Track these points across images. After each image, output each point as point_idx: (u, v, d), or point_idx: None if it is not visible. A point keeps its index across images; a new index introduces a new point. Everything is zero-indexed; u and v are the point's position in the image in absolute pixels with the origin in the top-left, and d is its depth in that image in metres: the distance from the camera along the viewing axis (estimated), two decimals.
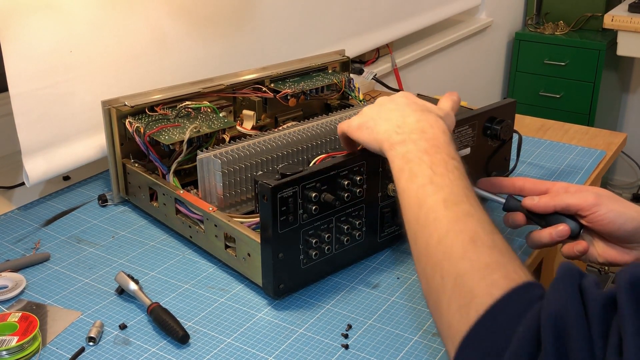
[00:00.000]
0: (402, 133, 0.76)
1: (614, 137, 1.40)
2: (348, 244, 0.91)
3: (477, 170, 1.07)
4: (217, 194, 0.96)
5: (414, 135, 0.75)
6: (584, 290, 0.54)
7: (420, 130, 0.75)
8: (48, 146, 1.11)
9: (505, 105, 1.08)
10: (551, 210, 0.85)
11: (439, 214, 0.66)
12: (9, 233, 1.05)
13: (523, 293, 0.57)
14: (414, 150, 0.73)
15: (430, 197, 0.68)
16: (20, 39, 1.02)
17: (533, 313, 0.54)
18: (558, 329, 0.52)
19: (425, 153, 0.72)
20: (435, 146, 0.73)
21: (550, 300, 0.54)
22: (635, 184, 3.36)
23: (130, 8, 1.17)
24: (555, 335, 0.52)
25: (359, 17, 1.74)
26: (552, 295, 0.54)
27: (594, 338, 0.51)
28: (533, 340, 0.53)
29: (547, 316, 0.53)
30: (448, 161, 0.71)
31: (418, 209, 0.68)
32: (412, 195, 0.70)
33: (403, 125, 0.77)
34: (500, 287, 0.58)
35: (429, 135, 0.75)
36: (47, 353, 0.80)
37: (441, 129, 0.76)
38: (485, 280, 0.59)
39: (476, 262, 0.61)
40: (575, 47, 2.87)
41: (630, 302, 0.50)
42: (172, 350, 0.80)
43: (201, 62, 1.31)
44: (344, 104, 1.28)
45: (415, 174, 0.71)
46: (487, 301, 0.57)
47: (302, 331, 0.83)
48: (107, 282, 0.93)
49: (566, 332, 0.51)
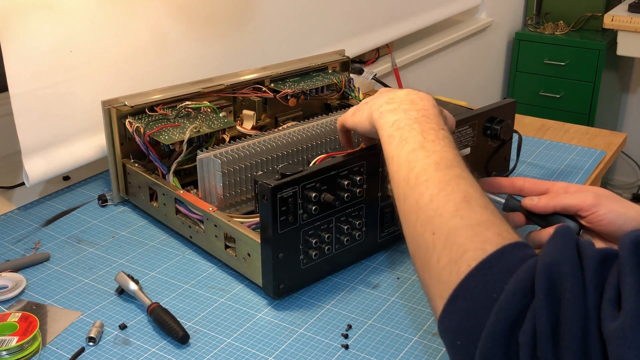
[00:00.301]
0: (392, 103, 0.77)
1: (614, 137, 1.40)
2: (348, 244, 0.91)
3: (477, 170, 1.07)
4: (217, 194, 0.96)
5: (405, 105, 0.76)
6: (581, 247, 0.54)
7: (410, 102, 0.77)
8: (48, 146, 1.11)
9: (505, 105, 1.08)
10: (550, 211, 0.85)
11: (430, 175, 0.66)
12: (9, 233, 1.05)
13: (516, 250, 0.57)
14: (404, 119, 0.74)
15: (421, 160, 0.68)
16: (20, 39, 1.02)
17: (527, 266, 0.54)
18: (552, 278, 0.51)
19: (416, 121, 0.73)
20: (426, 116, 0.74)
21: (545, 252, 0.54)
22: (635, 184, 3.36)
23: (130, 8, 1.17)
24: (549, 284, 0.51)
25: (359, 17, 1.74)
26: (548, 249, 0.54)
27: (588, 289, 0.50)
28: (526, 289, 0.52)
29: (543, 266, 0.52)
30: (438, 130, 0.72)
31: (408, 171, 0.68)
32: (402, 159, 0.70)
33: (394, 98, 0.78)
34: (493, 243, 0.57)
35: (419, 106, 0.76)
36: (47, 353, 0.80)
37: (431, 103, 0.77)
38: (478, 236, 0.58)
39: (469, 219, 0.60)
40: (575, 47, 2.87)
41: (633, 256, 0.50)
42: (172, 350, 0.80)
43: (201, 62, 1.31)
44: (344, 104, 1.28)
45: (405, 139, 0.71)
46: (480, 255, 0.56)
47: (302, 331, 0.83)
48: (107, 282, 0.93)
49: (560, 281, 0.51)
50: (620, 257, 0.51)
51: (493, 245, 0.57)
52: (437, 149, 0.69)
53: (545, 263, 0.52)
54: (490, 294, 0.54)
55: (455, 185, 0.64)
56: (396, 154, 0.71)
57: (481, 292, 0.54)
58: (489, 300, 0.54)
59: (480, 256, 0.56)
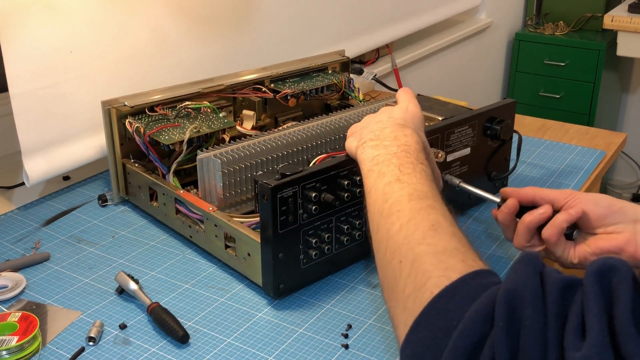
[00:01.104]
0: (376, 139, 0.79)
1: (614, 137, 1.40)
2: (348, 244, 0.91)
3: (477, 170, 1.07)
4: (217, 194, 0.97)
5: (387, 142, 0.78)
6: (545, 274, 0.53)
7: (394, 138, 0.78)
8: (48, 146, 1.11)
9: (505, 105, 1.08)
10: (530, 199, 0.87)
11: (403, 206, 0.67)
12: (9, 233, 1.05)
13: (480, 278, 0.57)
14: (384, 154, 0.76)
15: (396, 192, 0.69)
16: (20, 39, 1.02)
17: (489, 293, 0.54)
18: (513, 305, 0.51)
19: (395, 156, 0.75)
20: (406, 151, 0.75)
21: (508, 279, 0.54)
22: (635, 184, 3.36)
23: (130, 8, 1.17)
24: (509, 312, 0.51)
25: (359, 17, 1.74)
26: (510, 276, 0.54)
27: (549, 317, 0.50)
28: (487, 316, 0.52)
29: (504, 292, 0.52)
30: (416, 164, 0.73)
31: (383, 202, 0.69)
32: (378, 191, 0.71)
33: (380, 135, 0.80)
34: (457, 270, 0.57)
35: (401, 142, 0.77)
36: (47, 353, 0.80)
37: (414, 139, 0.78)
38: (442, 263, 0.59)
39: (434, 246, 0.61)
40: (575, 48, 2.87)
41: (596, 285, 0.50)
42: (172, 350, 0.80)
43: (201, 62, 1.31)
44: (344, 104, 1.28)
45: (383, 173, 0.73)
46: (443, 282, 0.56)
47: (302, 331, 0.83)
48: (107, 282, 0.93)
49: (520, 309, 0.51)
50: (585, 286, 0.51)
51: (457, 273, 0.57)
52: (412, 182, 0.70)
53: (506, 290, 0.52)
54: (451, 322, 0.54)
55: (425, 214, 0.65)
56: (374, 187, 0.73)
57: (442, 320, 0.54)
58: (450, 327, 0.53)
59: (444, 283, 0.56)
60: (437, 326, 0.54)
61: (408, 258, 0.61)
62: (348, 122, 1.08)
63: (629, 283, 0.49)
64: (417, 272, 0.59)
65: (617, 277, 0.50)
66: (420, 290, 0.57)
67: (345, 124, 1.08)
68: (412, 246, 0.62)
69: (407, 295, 0.59)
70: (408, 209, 0.66)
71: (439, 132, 0.99)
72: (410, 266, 0.60)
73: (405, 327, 0.57)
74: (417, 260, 0.60)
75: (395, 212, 0.67)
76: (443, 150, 1.00)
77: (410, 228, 0.64)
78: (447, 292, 0.56)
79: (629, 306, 0.48)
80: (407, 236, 0.63)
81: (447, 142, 1.01)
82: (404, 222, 0.65)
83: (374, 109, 1.11)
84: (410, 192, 0.69)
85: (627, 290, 0.49)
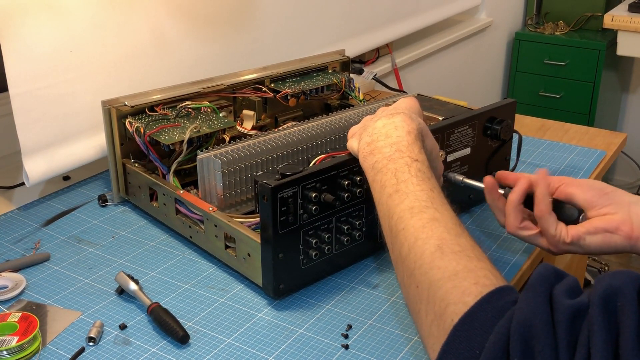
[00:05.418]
0: (372, 144, 0.79)
1: (614, 137, 1.40)
2: (348, 244, 0.91)
3: (477, 170, 1.07)
4: (217, 194, 0.96)
5: (380, 142, 0.78)
6: (554, 300, 0.55)
7: (385, 135, 0.78)
8: (48, 146, 1.11)
9: (505, 105, 1.08)
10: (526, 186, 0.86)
11: (407, 223, 0.68)
12: (9, 233, 1.05)
13: (495, 300, 0.58)
14: (380, 160, 0.76)
15: (397, 206, 0.70)
16: (20, 39, 1.02)
17: (505, 320, 0.56)
18: (525, 339, 0.53)
19: (390, 160, 0.75)
20: (399, 150, 0.75)
21: (520, 308, 0.56)
22: (635, 184, 3.36)
23: (130, 8, 1.17)
24: (522, 345, 0.53)
25: (359, 17, 1.74)
26: (522, 303, 0.56)
27: (560, 349, 0.52)
28: (503, 349, 0.54)
29: (516, 325, 0.54)
30: (411, 164, 0.73)
31: (389, 219, 0.71)
32: (383, 206, 0.73)
33: (373, 134, 0.80)
34: (472, 294, 0.59)
35: (393, 139, 0.77)
36: (47, 353, 0.80)
37: (406, 130, 0.78)
38: (457, 288, 0.60)
39: (444, 270, 0.62)
40: (575, 47, 2.87)
41: (601, 314, 0.52)
42: (172, 350, 0.80)
43: (201, 62, 1.31)
44: (344, 104, 1.28)
45: (383, 184, 0.74)
46: (461, 309, 0.58)
47: (302, 331, 0.83)
48: (107, 282, 0.93)
49: (533, 342, 0.53)
50: (590, 315, 0.53)
51: (472, 297, 0.59)
52: (410, 190, 0.71)
53: (518, 322, 0.54)
54: (473, 351, 0.56)
55: (429, 231, 0.66)
56: (379, 201, 0.74)
57: (466, 349, 0.57)
58: (473, 357, 0.56)
59: (462, 310, 0.58)
60: (462, 355, 0.57)
61: (424, 285, 0.63)
62: (348, 122, 1.08)
63: (633, 307, 0.51)
64: (435, 299, 0.61)
65: (621, 301, 0.52)
66: (442, 318, 0.60)
67: (346, 124, 1.08)
68: (424, 271, 0.64)
69: (430, 321, 0.61)
70: (412, 227, 0.67)
71: (439, 132, 0.99)
72: (427, 293, 0.62)
73: (433, 352, 0.60)
74: (433, 286, 0.62)
75: (401, 231, 0.68)
76: (443, 150, 1.00)
77: (418, 252, 0.65)
78: (467, 320, 0.58)
79: (635, 332, 0.50)
80: (417, 260, 0.65)
81: (447, 142, 1.01)
82: (411, 244, 0.66)
83: (374, 109, 1.11)
84: (410, 205, 0.69)
85: (632, 315, 0.51)
